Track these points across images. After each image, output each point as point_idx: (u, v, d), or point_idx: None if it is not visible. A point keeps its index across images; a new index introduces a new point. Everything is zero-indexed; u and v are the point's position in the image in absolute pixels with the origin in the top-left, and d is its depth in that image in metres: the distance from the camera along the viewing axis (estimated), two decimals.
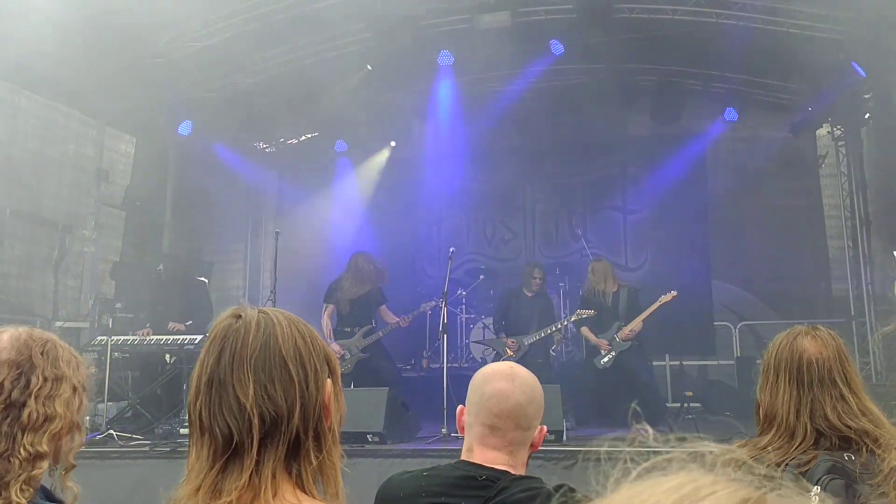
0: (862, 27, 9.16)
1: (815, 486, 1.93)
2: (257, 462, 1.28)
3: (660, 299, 8.69)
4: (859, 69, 9.77)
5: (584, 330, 9.00)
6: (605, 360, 8.74)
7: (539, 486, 2.07)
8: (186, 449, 1.33)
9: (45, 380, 1.87)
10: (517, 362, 8.67)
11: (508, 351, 8.83)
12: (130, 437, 7.49)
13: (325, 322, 9.11)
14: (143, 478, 6.56)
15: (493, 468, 2.13)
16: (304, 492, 1.31)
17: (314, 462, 1.33)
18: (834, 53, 9.82)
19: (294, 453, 1.32)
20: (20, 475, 1.76)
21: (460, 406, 2.31)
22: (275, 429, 1.30)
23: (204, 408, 1.32)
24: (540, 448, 2.29)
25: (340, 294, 9.04)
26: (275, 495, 1.27)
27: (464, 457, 2.22)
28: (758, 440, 2.20)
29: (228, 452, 1.29)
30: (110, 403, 8.23)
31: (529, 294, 9.22)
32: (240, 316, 1.38)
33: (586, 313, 8.81)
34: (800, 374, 2.17)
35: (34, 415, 1.81)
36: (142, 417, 8.18)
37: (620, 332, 8.72)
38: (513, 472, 2.13)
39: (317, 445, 1.35)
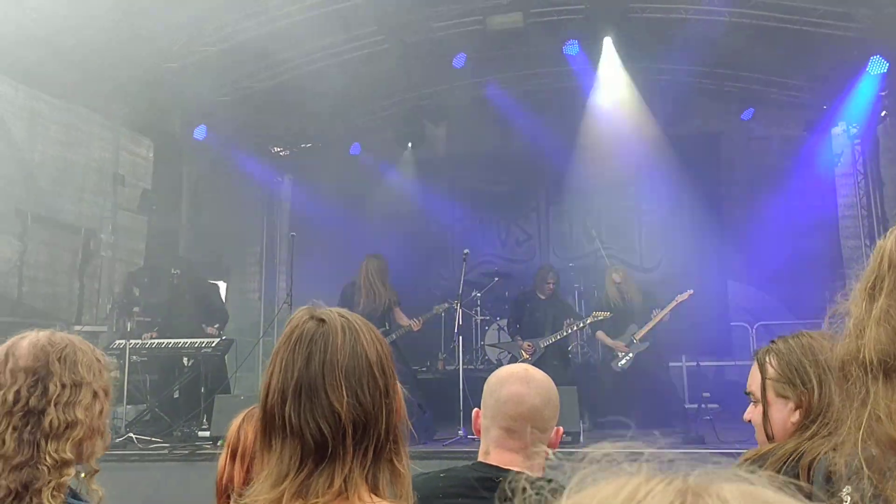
0: (878, 25, 9.11)
1: (847, 487, 1.93)
2: (351, 467, 1.31)
3: (676, 298, 8.68)
4: (884, 60, 9.65)
5: (600, 334, 9.04)
6: (623, 362, 8.72)
7: (557, 488, 2.08)
8: (204, 451, 1.34)
9: (64, 386, 1.86)
10: (533, 365, 8.65)
11: (524, 354, 8.83)
12: (149, 441, 7.55)
13: None
14: (161, 481, 6.61)
15: (509, 470, 2.14)
16: (377, 493, 1.34)
17: (398, 465, 1.37)
18: (849, 51, 9.77)
19: (378, 456, 1.35)
20: (50, 481, 1.77)
21: (476, 409, 2.33)
22: (365, 434, 1.33)
23: (293, 412, 1.33)
24: (557, 449, 2.30)
25: (356, 297, 9.03)
26: (354, 496, 1.30)
27: (480, 459, 2.24)
28: (800, 434, 2.21)
29: (320, 456, 1.31)
30: (129, 407, 8.30)
31: (543, 297, 9.22)
32: (323, 319, 1.40)
33: (602, 315, 8.81)
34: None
35: (55, 422, 1.81)
36: (160, 420, 8.24)
37: (638, 333, 8.71)
38: (529, 473, 2.14)
39: (395, 448, 1.38)
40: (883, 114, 11.16)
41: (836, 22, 9.49)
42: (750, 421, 2.48)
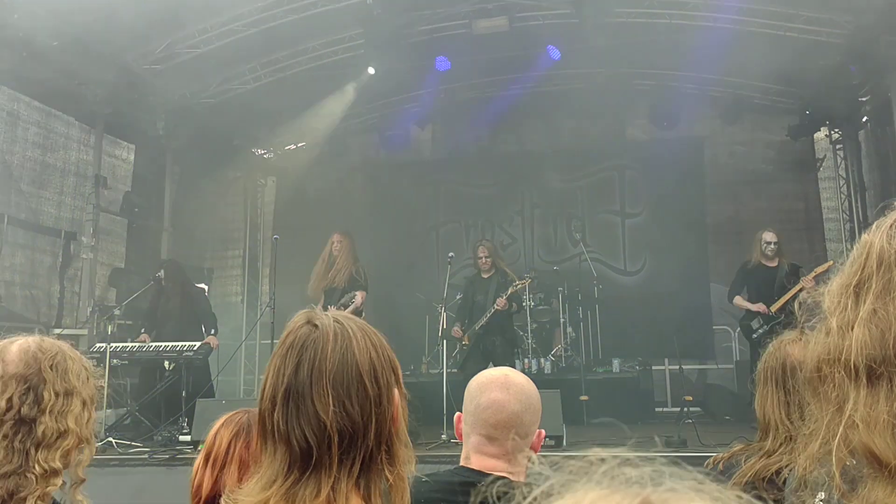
0: (860, 31, 9.18)
1: (820, 493, 1.91)
2: (336, 478, 1.28)
3: (815, 270, 8.39)
4: (866, 65, 9.74)
5: (738, 300, 8.64)
6: (761, 331, 8.45)
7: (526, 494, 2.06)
8: (185, 456, 1.32)
9: (57, 395, 1.83)
10: (471, 349, 8.35)
11: (465, 340, 8.62)
12: (129, 445, 7.47)
13: None
14: (142, 485, 6.54)
15: (492, 474, 2.12)
16: (370, 503, 1.32)
17: (389, 477, 1.34)
18: (832, 57, 9.84)
19: (367, 467, 1.32)
20: (36, 490, 1.74)
21: (458, 413, 2.30)
22: (352, 444, 1.31)
23: (281, 419, 1.32)
24: (540, 453, 2.28)
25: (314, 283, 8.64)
26: None
27: (462, 463, 2.21)
28: (761, 444, 2.20)
29: (306, 464, 1.29)
30: (109, 411, 8.21)
31: (485, 276, 8.86)
32: (316, 325, 1.37)
33: (521, 283, 8.54)
34: (785, 379, 2.19)
35: (48, 431, 1.79)
36: (141, 425, 8.16)
37: (773, 306, 8.48)
38: (513, 478, 2.12)
39: (389, 459, 1.35)
40: (864, 119, 11.25)
41: (820, 28, 9.56)
42: None
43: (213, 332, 8.80)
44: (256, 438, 1.41)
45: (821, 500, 1.87)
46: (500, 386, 2.18)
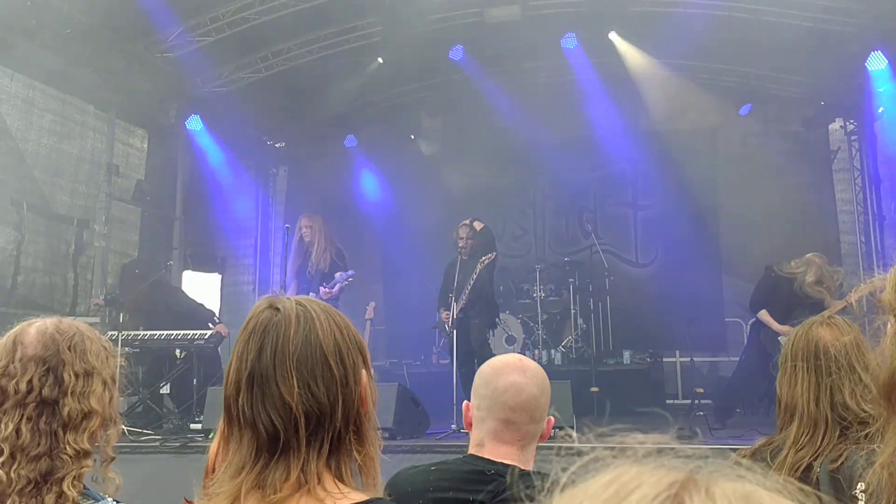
0: (877, 20, 9.09)
1: (860, 484, 1.88)
2: (305, 459, 1.29)
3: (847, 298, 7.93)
4: (884, 55, 9.63)
5: (763, 314, 8.00)
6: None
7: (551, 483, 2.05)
8: (197, 444, 1.33)
9: (77, 376, 1.84)
10: (457, 336, 8.12)
11: (446, 326, 8.38)
12: (141, 432, 7.52)
13: None
14: (153, 473, 6.57)
15: (501, 463, 2.11)
16: (343, 482, 1.32)
17: (358, 457, 1.35)
18: (848, 47, 9.75)
19: (336, 447, 1.33)
20: (71, 471, 1.77)
21: (466, 402, 2.30)
22: (319, 426, 1.31)
23: (246, 404, 1.32)
24: (550, 442, 2.27)
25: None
26: (317, 486, 1.29)
27: (473, 451, 2.21)
28: (784, 436, 2.17)
29: (274, 448, 1.30)
30: (121, 398, 8.25)
31: (465, 258, 8.58)
32: (278, 308, 1.37)
33: (487, 258, 8.19)
34: (817, 361, 2.15)
35: (73, 412, 1.80)
36: (152, 412, 8.21)
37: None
38: (521, 466, 2.12)
39: (358, 439, 1.36)
40: (880, 110, 11.14)
41: (836, 17, 9.47)
42: None
43: (216, 320, 8.84)
44: (224, 426, 1.41)
45: (861, 492, 1.84)
46: (516, 369, 2.18)
